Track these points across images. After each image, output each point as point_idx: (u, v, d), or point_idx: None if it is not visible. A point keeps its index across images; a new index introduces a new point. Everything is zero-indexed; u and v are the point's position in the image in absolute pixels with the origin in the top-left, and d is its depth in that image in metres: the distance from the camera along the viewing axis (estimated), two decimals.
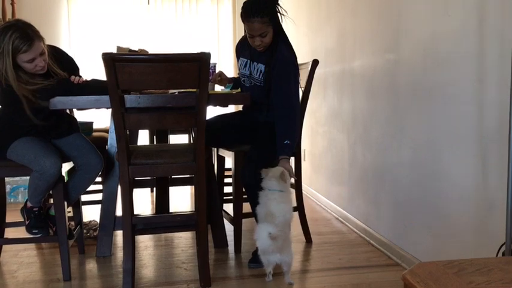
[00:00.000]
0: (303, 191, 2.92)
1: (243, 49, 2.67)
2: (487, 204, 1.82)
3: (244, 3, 2.42)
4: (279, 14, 2.45)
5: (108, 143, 2.68)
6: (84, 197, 2.92)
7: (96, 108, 2.33)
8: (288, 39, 2.55)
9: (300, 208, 2.84)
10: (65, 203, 2.35)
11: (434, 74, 2.15)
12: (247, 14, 2.37)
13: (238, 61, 2.71)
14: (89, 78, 2.37)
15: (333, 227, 3.19)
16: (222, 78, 2.70)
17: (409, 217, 2.40)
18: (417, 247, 2.32)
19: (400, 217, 2.50)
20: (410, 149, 2.37)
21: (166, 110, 2.22)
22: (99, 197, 3.24)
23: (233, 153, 2.61)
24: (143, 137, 3.97)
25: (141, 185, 3.41)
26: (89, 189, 2.69)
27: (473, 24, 1.88)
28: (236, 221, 2.66)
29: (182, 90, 2.35)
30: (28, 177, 2.26)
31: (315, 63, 2.77)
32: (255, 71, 2.55)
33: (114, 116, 2.12)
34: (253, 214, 2.50)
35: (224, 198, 3.09)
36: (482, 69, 1.83)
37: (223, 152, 2.83)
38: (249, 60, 2.59)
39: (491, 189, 1.80)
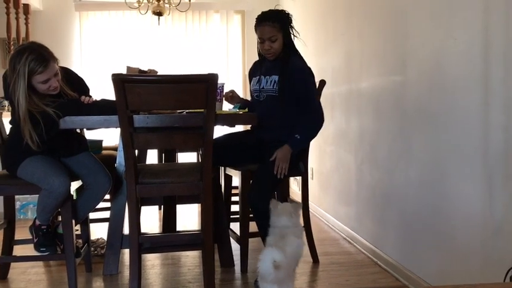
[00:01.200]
0: (310, 210, 2.92)
1: (255, 70, 2.77)
2: (494, 227, 1.81)
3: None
4: (292, 34, 2.57)
5: (117, 162, 2.71)
6: (92, 215, 2.94)
7: (105, 127, 2.36)
8: (300, 54, 2.61)
9: (307, 228, 2.83)
10: (73, 221, 2.37)
11: (440, 96, 2.16)
12: (259, 20, 2.54)
13: (250, 84, 2.77)
14: (98, 98, 2.42)
15: (341, 247, 3.17)
16: (233, 96, 2.74)
17: (416, 238, 2.39)
18: (424, 269, 2.30)
19: (408, 238, 2.48)
20: (417, 169, 2.37)
21: (174, 129, 2.25)
22: (107, 214, 3.26)
23: (240, 172, 2.63)
24: (152, 155, 4.00)
25: (149, 202, 3.43)
26: (97, 207, 2.71)
27: (478, 47, 1.89)
28: (243, 240, 2.66)
29: (190, 110, 2.38)
30: (37, 195, 2.29)
31: (322, 83, 2.80)
32: (268, 83, 2.60)
33: (122, 135, 2.15)
34: (260, 235, 2.50)
35: (231, 217, 3.09)
36: (488, 91, 1.84)
37: (230, 171, 2.84)
38: (260, 76, 2.65)
39: (498, 212, 1.79)
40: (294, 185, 4.37)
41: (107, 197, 3.19)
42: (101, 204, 3.43)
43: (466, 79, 1.97)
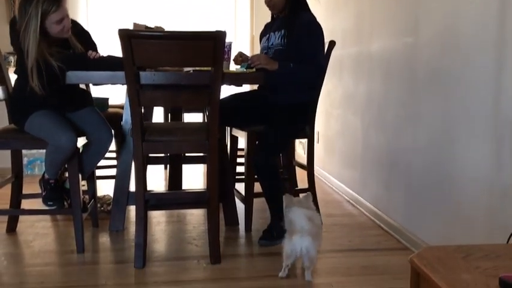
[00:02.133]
0: (315, 173, 2.92)
1: (265, 30, 2.74)
2: (501, 191, 1.81)
3: None
4: None
5: (123, 119, 2.71)
6: (98, 172, 2.97)
7: (111, 84, 2.35)
8: (310, 11, 2.57)
9: (311, 190, 2.84)
10: (80, 176, 2.39)
11: (452, 58, 2.12)
12: None
13: (260, 44, 2.75)
14: (105, 55, 2.39)
15: (344, 209, 3.20)
16: (243, 58, 2.70)
17: (421, 201, 2.40)
18: (427, 232, 2.32)
19: (412, 201, 2.49)
20: (425, 132, 2.35)
21: (180, 88, 2.23)
22: (113, 172, 3.29)
23: (246, 133, 2.62)
24: (158, 115, 3.99)
25: (155, 161, 3.45)
26: (103, 164, 2.73)
27: (495, 8, 1.83)
28: (247, 200, 2.68)
29: (197, 68, 2.35)
30: (45, 150, 2.30)
31: (332, 44, 2.74)
32: (276, 38, 2.57)
33: (129, 92, 2.14)
34: (264, 197, 2.52)
35: (236, 177, 3.11)
36: (502, 54, 1.79)
37: (236, 132, 2.84)
38: (270, 34, 2.63)
39: (506, 177, 1.78)
40: (300, 148, 4.37)
41: (113, 154, 3.22)
42: (107, 162, 3.48)
43: (480, 41, 1.92)
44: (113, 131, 2.52)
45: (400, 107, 2.63)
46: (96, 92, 3.02)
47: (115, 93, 3.85)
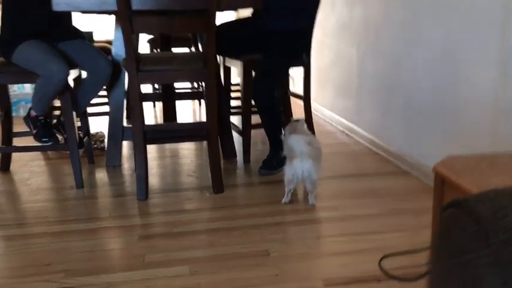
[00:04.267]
0: None
1: None
2: (505, 112, 1.80)
3: None
4: None
5: (113, 52, 2.59)
6: (88, 109, 2.88)
7: (100, 12, 2.22)
8: None
9: (308, 120, 2.82)
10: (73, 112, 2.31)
11: None
12: None
13: None
14: None
15: (339, 139, 3.20)
16: None
17: (421, 125, 2.40)
18: (429, 155, 2.33)
19: (412, 126, 2.49)
20: (427, 54, 2.31)
21: (175, 13, 2.12)
22: (104, 109, 3.21)
23: (241, 62, 2.54)
24: (143, 51, 3.86)
25: (143, 98, 3.35)
26: (93, 101, 2.64)
27: None
28: (245, 131, 2.64)
29: None
30: (30, 91, 2.20)
31: None
32: None
33: (120, 19, 2.02)
34: (264, 129, 2.49)
35: (230, 111, 3.06)
36: None
37: (230, 62, 2.75)
38: None
39: (510, 95, 1.77)
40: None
41: (103, 93, 3.11)
42: (97, 99, 3.38)
43: None
44: None
45: (399, 29, 2.57)
46: (80, 27, 2.87)
47: (98, 29, 3.70)
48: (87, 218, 2.00)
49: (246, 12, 3.48)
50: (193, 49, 4.01)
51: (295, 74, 3.53)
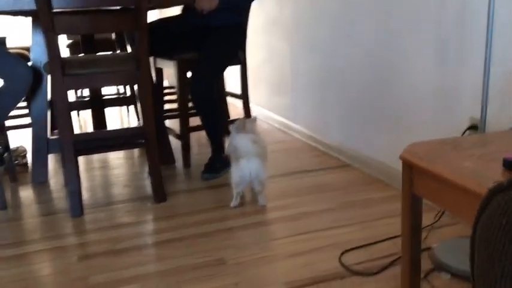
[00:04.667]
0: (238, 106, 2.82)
1: None
2: (445, 95, 1.84)
3: None
4: None
5: (32, 58, 2.37)
6: (6, 122, 2.61)
7: (15, 13, 2.01)
8: None
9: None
10: None
11: None
12: None
13: None
14: None
15: (277, 137, 3.16)
16: None
17: (359, 117, 2.41)
18: (371, 147, 2.35)
19: (350, 119, 2.50)
20: (361, 45, 2.32)
21: (102, 12, 1.96)
22: (23, 121, 2.95)
23: (176, 62, 2.41)
24: None
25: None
26: (11, 113, 2.39)
27: None
28: (184, 135, 2.52)
29: None
30: None
31: None
32: None
33: (41, 19, 1.83)
34: (205, 130, 2.39)
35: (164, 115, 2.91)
36: None
37: (162, 63, 2.62)
38: None
39: (449, 81, 1.81)
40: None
41: (23, 103, 2.85)
42: (16, 111, 3.09)
43: None
44: None
45: (332, 23, 2.57)
46: None
47: (11, 35, 3.39)
48: (14, 243, 1.78)
49: (170, 12, 3.35)
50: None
51: (226, 73, 3.45)
